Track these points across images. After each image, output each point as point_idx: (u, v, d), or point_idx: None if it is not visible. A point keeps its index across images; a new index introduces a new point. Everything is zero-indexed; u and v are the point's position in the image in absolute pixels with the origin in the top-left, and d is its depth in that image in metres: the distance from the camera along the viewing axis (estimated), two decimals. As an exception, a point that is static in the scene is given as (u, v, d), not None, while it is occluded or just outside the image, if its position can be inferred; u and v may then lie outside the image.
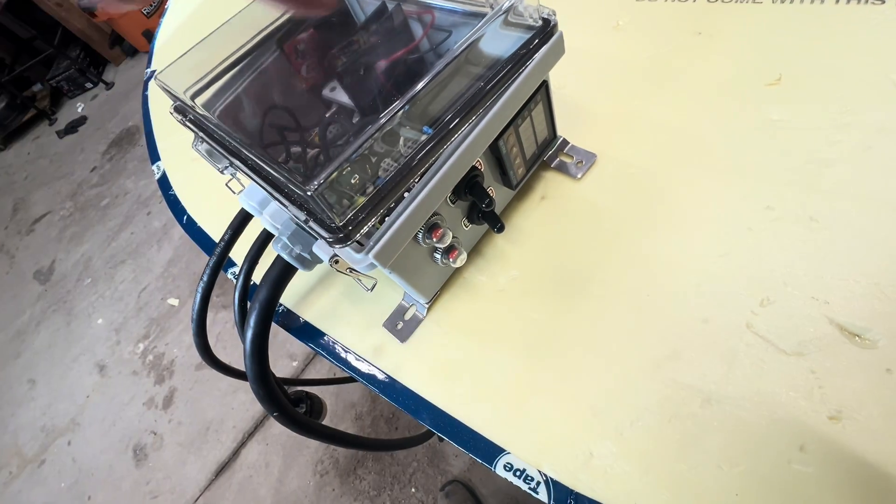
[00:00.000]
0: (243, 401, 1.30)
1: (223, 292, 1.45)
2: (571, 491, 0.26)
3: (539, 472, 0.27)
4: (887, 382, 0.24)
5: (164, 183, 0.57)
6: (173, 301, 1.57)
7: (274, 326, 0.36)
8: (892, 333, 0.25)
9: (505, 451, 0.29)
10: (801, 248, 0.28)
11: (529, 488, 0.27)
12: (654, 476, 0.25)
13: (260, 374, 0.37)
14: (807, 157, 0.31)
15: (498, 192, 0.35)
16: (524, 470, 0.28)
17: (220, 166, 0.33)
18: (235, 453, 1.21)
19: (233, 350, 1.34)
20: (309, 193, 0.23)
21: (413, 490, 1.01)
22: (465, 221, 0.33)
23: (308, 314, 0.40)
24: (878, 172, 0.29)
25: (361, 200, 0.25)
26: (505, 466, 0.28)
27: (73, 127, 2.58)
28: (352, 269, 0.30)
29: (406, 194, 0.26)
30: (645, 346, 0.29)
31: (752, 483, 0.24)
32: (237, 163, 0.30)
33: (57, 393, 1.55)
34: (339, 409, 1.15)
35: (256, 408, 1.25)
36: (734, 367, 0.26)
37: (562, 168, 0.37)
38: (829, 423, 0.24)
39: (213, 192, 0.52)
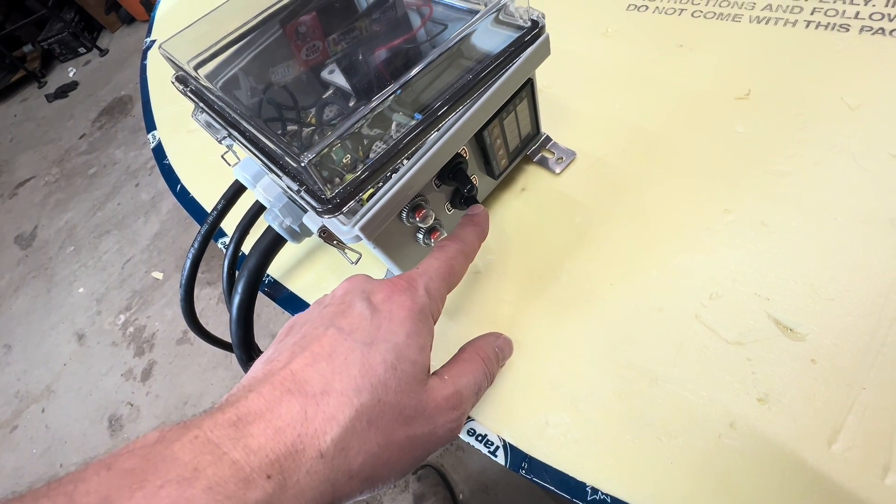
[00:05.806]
0: (223, 377, 1.31)
1: (209, 269, 1.45)
2: (526, 455, 0.29)
3: (498, 437, 0.30)
4: (810, 371, 0.26)
5: (158, 152, 0.58)
6: (158, 274, 1.56)
7: (258, 308, 0.37)
8: (820, 329, 0.27)
9: (470, 418, 0.31)
10: (751, 250, 0.31)
11: (489, 452, 0.30)
12: (601, 445, 0.28)
13: (245, 340, 0.39)
14: (765, 168, 0.34)
15: (481, 181, 0.37)
16: (485, 435, 0.30)
17: (217, 137, 0.35)
18: (212, 428, 1.22)
19: (215, 326, 1.35)
20: (303, 164, 0.24)
21: (386, 472, 1.04)
22: (449, 206, 0.35)
23: (294, 286, 0.42)
24: (824, 185, 0.32)
25: (351, 177, 0.27)
26: (468, 431, 0.30)
27: (63, 92, 2.52)
28: (338, 242, 0.31)
29: (394, 173, 0.28)
30: (604, 329, 0.31)
31: (686, 453, 0.26)
32: (235, 134, 0.32)
33: (33, 359, 1.54)
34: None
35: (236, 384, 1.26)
36: (681, 352, 0.29)
37: (543, 163, 0.39)
38: (758, 404, 0.26)
39: (207, 164, 0.54)
